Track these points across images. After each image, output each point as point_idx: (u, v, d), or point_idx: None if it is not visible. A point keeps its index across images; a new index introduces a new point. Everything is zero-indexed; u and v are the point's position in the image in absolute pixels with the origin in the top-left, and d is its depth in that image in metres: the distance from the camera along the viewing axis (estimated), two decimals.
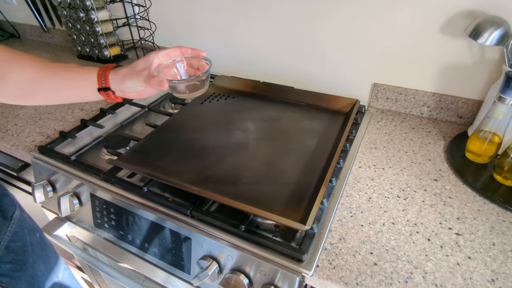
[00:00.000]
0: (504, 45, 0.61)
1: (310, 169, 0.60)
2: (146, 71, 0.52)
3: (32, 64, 0.51)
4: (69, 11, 1.07)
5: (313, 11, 0.81)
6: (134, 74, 0.52)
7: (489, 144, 0.61)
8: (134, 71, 0.53)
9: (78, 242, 0.79)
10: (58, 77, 0.52)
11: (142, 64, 0.53)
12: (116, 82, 0.53)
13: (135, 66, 0.53)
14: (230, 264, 0.51)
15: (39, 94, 0.53)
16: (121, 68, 0.54)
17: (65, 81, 0.53)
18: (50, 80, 0.52)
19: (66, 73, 0.53)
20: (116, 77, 0.53)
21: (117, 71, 0.54)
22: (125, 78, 0.53)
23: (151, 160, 0.63)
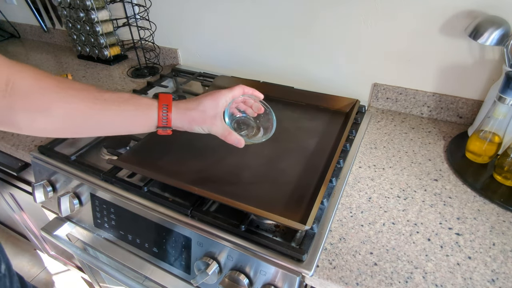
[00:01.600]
0: (504, 45, 0.61)
1: (310, 169, 0.60)
2: (219, 120, 0.51)
3: (80, 95, 0.44)
4: (69, 11, 1.07)
5: (313, 11, 0.81)
6: (206, 122, 0.51)
7: (489, 144, 0.61)
8: (206, 117, 0.51)
9: (78, 242, 0.79)
10: (112, 112, 0.46)
11: (211, 109, 0.51)
12: (182, 123, 0.51)
13: (205, 111, 0.50)
14: (230, 264, 0.51)
15: (90, 128, 0.47)
16: (187, 107, 0.50)
17: (120, 117, 0.47)
18: (103, 114, 0.46)
19: (123, 107, 0.47)
20: (182, 118, 0.50)
21: (182, 111, 0.50)
22: (195, 123, 0.51)
23: (151, 160, 0.63)
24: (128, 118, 0.48)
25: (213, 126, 0.51)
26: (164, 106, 0.49)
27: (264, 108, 0.58)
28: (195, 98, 0.52)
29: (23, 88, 0.40)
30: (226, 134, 0.52)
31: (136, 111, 0.48)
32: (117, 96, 0.47)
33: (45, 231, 0.71)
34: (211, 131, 0.52)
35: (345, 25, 0.79)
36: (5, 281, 0.53)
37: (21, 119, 0.42)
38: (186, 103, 0.51)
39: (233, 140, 0.53)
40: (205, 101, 0.51)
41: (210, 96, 0.52)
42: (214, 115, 0.51)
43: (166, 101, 0.49)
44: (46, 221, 0.77)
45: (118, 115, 0.47)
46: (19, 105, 0.41)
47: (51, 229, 0.71)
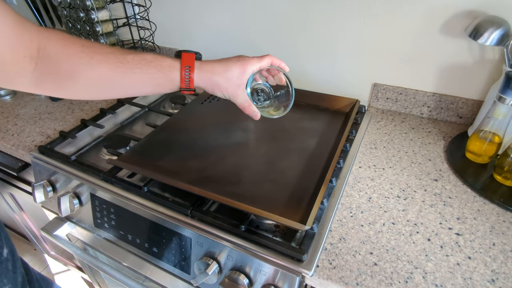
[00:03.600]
0: (504, 45, 0.61)
1: (310, 169, 0.60)
2: (242, 89, 0.51)
3: (105, 59, 0.45)
4: (69, 11, 1.07)
5: (313, 11, 0.81)
6: (230, 90, 0.50)
7: (489, 144, 0.61)
8: (230, 85, 0.50)
9: (78, 242, 0.79)
10: (136, 75, 0.47)
11: (238, 77, 0.50)
12: (205, 85, 0.50)
13: (231, 78, 0.50)
14: (230, 264, 0.51)
15: (115, 91, 0.48)
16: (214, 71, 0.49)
17: (144, 79, 0.47)
18: (127, 78, 0.47)
19: (145, 70, 0.47)
20: (205, 81, 0.49)
21: (208, 75, 0.49)
22: (218, 89, 0.50)
23: (151, 160, 0.63)
24: (151, 80, 0.48)
25: (236, 95, 0.51)
26: (187, 68, 0.48)
27: (285, 80, 0.56)
28: (222, 61, 0.50)
29: (52, 54, 0.42)
30: (246, 105, 0.52)
31: (159, 73, 0.48)
32: (140, 58, 0.47)
33: (45, 231, 0.71)
34: (231, 99, 0.52)
35: (345, 25, 0.79)
36: (7, 264, 0.54)
37: (51, 83, 0.43)
38: (213, 66, 0.50)
39: (250, 112, 0.53)
40: (233, 68, 0.50)
41: (239, 63, 0.50)
42: (239, 85, 0.50)
43: (188, 62, 0.48)
44: (46, 221, 0.77)
45: (141, 77, 0.47)
46: (49, 71, 0.42)
47: (51, 229, 0.71)
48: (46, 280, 0.74)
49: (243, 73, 0.50)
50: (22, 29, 0.39)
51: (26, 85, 0.43)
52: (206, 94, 0.86)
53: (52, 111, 0.87)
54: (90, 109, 0.88)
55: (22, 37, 0.39)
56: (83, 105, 0.90)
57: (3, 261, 0.53)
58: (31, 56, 0.41)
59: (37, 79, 0.42)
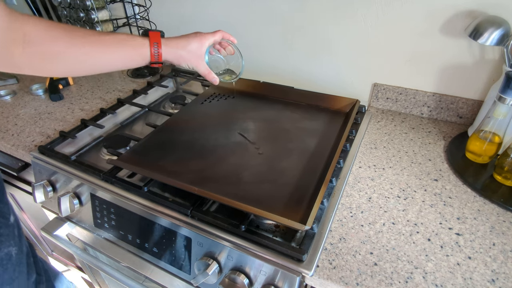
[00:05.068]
0: (504, 45, 0.61)
1: (310, 169, 0.60)
2: (202, 59, 0.59)
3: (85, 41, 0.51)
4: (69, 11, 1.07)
5: (314, 11, 0.81)
6: (192, 61, 0.59)
7: (489, 144, 0.61)
8: (192, 56, 0.58)
9: (78, 242, 0.79)
10: (114, 53, 0.54)
11: (197, 49, 0.58)
12: (171, 59, 0.58)
13: (192, 51, 0.58)
14: (230, 264, 0.51)
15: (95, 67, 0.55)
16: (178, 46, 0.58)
17: (119, 56, 0.54)
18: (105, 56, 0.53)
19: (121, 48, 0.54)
20: (172, 55, 0.57)
21: (173, 49, 0.57)
22: (183, 60, 0.59)
23: (151, 160, 0.63)
24: (126, 56, 0.55)
25: (198, 65, 0.60)
26: (155, 44, 0.56)
27: (235, 51, 0.66)
28: (183, 37, 0.59)
29: (37, 38, 0.47)
30: (207, 72, 0.61)
31: (133, 51, 0.55)
32: (116, 38, 0.54)
33: (45, 231, 0.71)
34: (195, 69, 0.60)
35: (345, 25, 0.79)
36: (14, 230, 0.60)
37: (40, 63, 0.49)
38: (176, 42, 0.58)
39: (210, 78, 0.62)
40: (192, 42, 0.58)
41: (197, 38, 0.59)
42: (199, 55, 0.59)
43: (156, 39, 0.56)
44: (46, 221, 0.77)
45: (117, 54, 0.54)
46: (35, 53, 0.48)
47: (51, 229, 0.71)
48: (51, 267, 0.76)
49: (201, 46, 0.59)
50: (11, 18, 0.45)
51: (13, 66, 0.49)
52: (206, 94, 0.86)
53: (52, 111, 0.87)
54: (90, 109, 0.88)
55: (11, 25, 0.45)
56: (83, 105, 0.90)
57: (10, 226, 0.59)
58: (19, 41, 0.46)
59: (25, 60, 0.48)
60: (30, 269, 0.64)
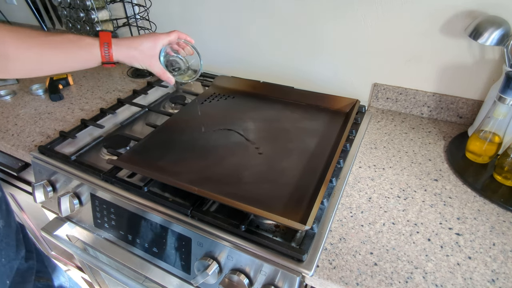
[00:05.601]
0: (504, 45, 0.61)
1: (310, 169, 0.60)
2: (156, 59, 0.59)
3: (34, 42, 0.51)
4: (69, 11, 1.07)
5: (314, 11, 0.81)
6: (145, 61, 0.59)
7: (489, 144, 0.61)
8: (145, 56, 0.58)
9: (78, 242, 0.79)
10: (62, 55, 0.54)
11: (150, 49, 0.58)
12: (123, 59, 0.58)
13: (145, 51, 0.58)
14: (230, 264, 0.51)
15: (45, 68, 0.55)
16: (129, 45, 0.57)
17: (69, 57, 0.55)
18: (55, 56, 0.53)
19: (70, 49, 0.54)
20: (124, 55, 0.57)
21: (124, 48, 0.57)
22: (135, 60, 0.58)
23: (151, 160, 0.63)
24: (77, 57, 0.55)
25: (151, 65, 0.60)
26: (105, 44, 0.55)
27: (193, 51, 0.66)
28: (136, 38, 0.59)
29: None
30: (161, 72, 0.61)
31: (82, 51, 0.55)
32: (66, 39, 0.54)
33: (45, 231, 0.71)
34: (148, 69, 0.60)
35: (345, 25, 0.79)
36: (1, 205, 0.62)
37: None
38: (128, 42, 0.58)
39: (166, 78, 0.63)
40: (145, 42, 0.58)
41: (150, 38, 0.59)
42: (152, 55, 0.59)
43: (106, 39, 0.56)
44: (46, 221, 0.77)
45: (67, 55, 0.54)
46: None
47: (51, 229, 0.71)
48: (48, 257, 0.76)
49: (155, 45, 0.59)
50: None
51: None
52: (206, 94, 0.86)
53: (52, 111, 0.87)
54: (90, 109, 0.88)
55: None
56: (83, 105, 0.90)
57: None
58: None
59: None
60: (19, 244, 0.65)
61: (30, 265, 0.67)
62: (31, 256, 0.70)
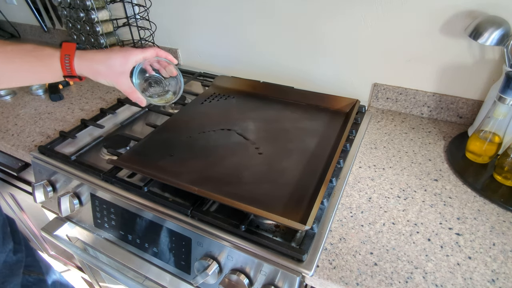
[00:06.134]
0: (504, 45, 0.61)
1: (310, 169, 0.60)
2: (125, 77, 0.53)
3: None
4: (69, 11, 1.07)
5: (314, 11, 0.81)
6: (111, 77, 0.52)
7: (489, 144, 0.61)
8: (112, 72, 0.52)
9: (78, 242, 0.79)
10: (16, 64, 0.49)
11: (119, 65, 0.52)
12: (87, 73, 0.52)
13: (112, 66, 0.52)
14: (230, 264, 0.51)
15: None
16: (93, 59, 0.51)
17: (24, 68, 0.50)
18: (7, 67, 0.49)
19: (25, 59, 0.49)
20: (87, 69, 0.52)
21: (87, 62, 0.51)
22: (100, 76, 0.52)
23: (151, 160, 0.63)
24: (32, 69, 0.50)
25: (118, 82, 0.53)
26: (66, 56, 0.50)
27: (175, 72, 0.60)
28: (105, 51, 0.53)
29: None
30: (129, 91, 0.55)
31: (39, 62, 0.50)
32: (19, 48, 0.49)
33: (45, 231, 0.71)
34: (115, 86, 0.54)
35: (345, 25, 0.79)
36: None
37: None
38: (94, 54, 0.52)
39: (135, 98, 0.56)
40: (114, 57, 0.52)
41: (121, 53, 0.53)
42: (121, 72, 0.53)
43: (68, 51, 0.50)
44: (46, 221, 0.77)
45: (21, 67, 0.49)
46: None
47: (51, 229, 0.71)
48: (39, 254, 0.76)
49: (126, 62, 0.53)
50: None
51: None
52: (206, 94, 0.86)
53: (52, 111, 0.87)
54: (90, 109, 0.88)
55: None
56: (83, 105, 0.90)
57: None
58: None
59: None
60: (6, 237, 0.63)
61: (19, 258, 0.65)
62: (19, 249, 0.67)
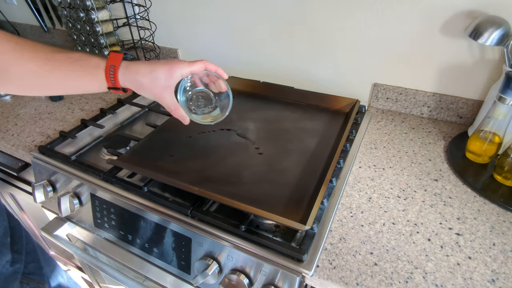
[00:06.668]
0: (504, 45, 0.61)
1: (310, 169, 0.60)
2: (169, 92, 0.50)
3: (34, 57, 0.47)
4: (69, 11, 1.07)
5: (314, 11, 0.81)
6: (154, 91, 0.50)
7: (489, 144, 0.61)
8: (155, 86, 0.49)
9: (78, 242, 0.79)
10: (62, 73, 0.48)
11: (164, 80, 0.49)
12: (131, 86, 0.50)
13: (156, 80, 0.49)
14: (230, 264, 0.51)
15: (43, 88, 0.50)
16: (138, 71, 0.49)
17: (70, 77, 0.48)
18: (53, 75, 0.48)
19: (71, 68, 0.48)
20: (131, 82, 0.50)
21: (132, 75, 0.49)
22: (143, 90, 0.50)
23: (151, 160, 0.63)
24: (78, 78, 0.49)
25: (161, 97, 0.51)
26: (111, 67, 0.48)
27: (225, 87, 0.56)
28: (151, 63, 0.51)
29: None
30: (173, 108, 0.52)
31: (85, 72, 0.49)
32: (67, 56, 0.48)
33: (45, 231, 0.71)
34: (157, 100, 0.52)
35: (345, 25, 0.79)
36: None
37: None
38: (138, 67, 0.50)
39: (178, 116, 0.54)
40: (159, 70, 0.49)
41: (167, 65, 0.50)
42: (165, 87, 0.50)
43: (114, 62, 0.49)
44: (46, 221, 0.77)
45: (67, 75, 0.48)
46: None
47: (51, 229, 0.71)
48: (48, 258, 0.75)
49: (170, 75, 0.50)
50: None
51: None
52: None
53: (52, 111, 0.87)
54: (90, 109, 0.88)
55: None
56: (83, 105, 0.90)
57: None
58: None
59: None
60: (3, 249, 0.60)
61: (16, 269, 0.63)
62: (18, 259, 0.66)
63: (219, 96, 0.57)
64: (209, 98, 0.57)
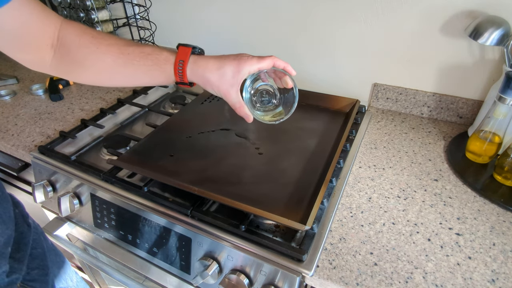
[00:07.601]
0: (504, 45, 0.61)
1: (310, 169, 0.60)
2: (235, 89, 0.49)
3: (108, 50, 0.49)
4: (69, 11, 1.07)
5: (314, 11, 0.81)
6: (221, 88, 0.49)
7: (489, 144, 0.61)
8: (222, 83, 0.49)
9: (78, 242, 0.79)
10: (134, 66, 0.49)
11: (231, 76, 0.49)
12: (197, 81, 0.51)
13: (223, 76, 0.49)
14: (230, 264, 0.51)
15: (115, 80, 0.52)
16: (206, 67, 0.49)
17: (141, 70, 0.50)
18: (126, 69, 0.50)
19: (142, 62, 0.49)
20: (198, 77, 0.50)
21: (200, 70, 0.49)
22: (209, 86, 0.50)
23: (151, 160, 0.63)
24: (149, 72, 0.50)
25: (227, 95, 0.50)
26: (180, 62, 0.49)
27: (291, 84, 0.53)
28: (218, 58, 0.50)
29: (67, 43, 0.47)
30: (237, 106, 0.52)
31: (155, 66, 0.50)
32: (139, 50, 0.49)
33: (45, 231, 0.71)
34: (223, 97, 0.51)
35: (345, 25, 0.79)
36: None
37: (67, 69, 0.50)
38: (207, 62, 0.49)
39: (242, 113, 0.53)
40: (227, 66, 0.49)
41: (235, 61, 0.49)
42: (232, 84, 0.49)
43: (182, 57, 0.49)
44: (46, 221, 0.77)
45: (139, 68, 0.50)
46: (64, 58, 0.48)
47: (51, 229, 0.71)
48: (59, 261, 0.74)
49: (238, 72, 0.49)
50: (47, 22, 0.45)
51: (47, 69, 0.49)
52: (206, 94, 0.86)
53: (52, 111, 0.87)
54: (90, 109, 0.88)
55: (47, 29, 0.45)
56: (83, 105, 0.90)
57: None
58: (52, 45, 0.47)
59: (55, 64, 0.49)
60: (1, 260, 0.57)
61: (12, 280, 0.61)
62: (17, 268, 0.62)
63: (284, 93, 0.55)
64: (274, 94, 0.55)
